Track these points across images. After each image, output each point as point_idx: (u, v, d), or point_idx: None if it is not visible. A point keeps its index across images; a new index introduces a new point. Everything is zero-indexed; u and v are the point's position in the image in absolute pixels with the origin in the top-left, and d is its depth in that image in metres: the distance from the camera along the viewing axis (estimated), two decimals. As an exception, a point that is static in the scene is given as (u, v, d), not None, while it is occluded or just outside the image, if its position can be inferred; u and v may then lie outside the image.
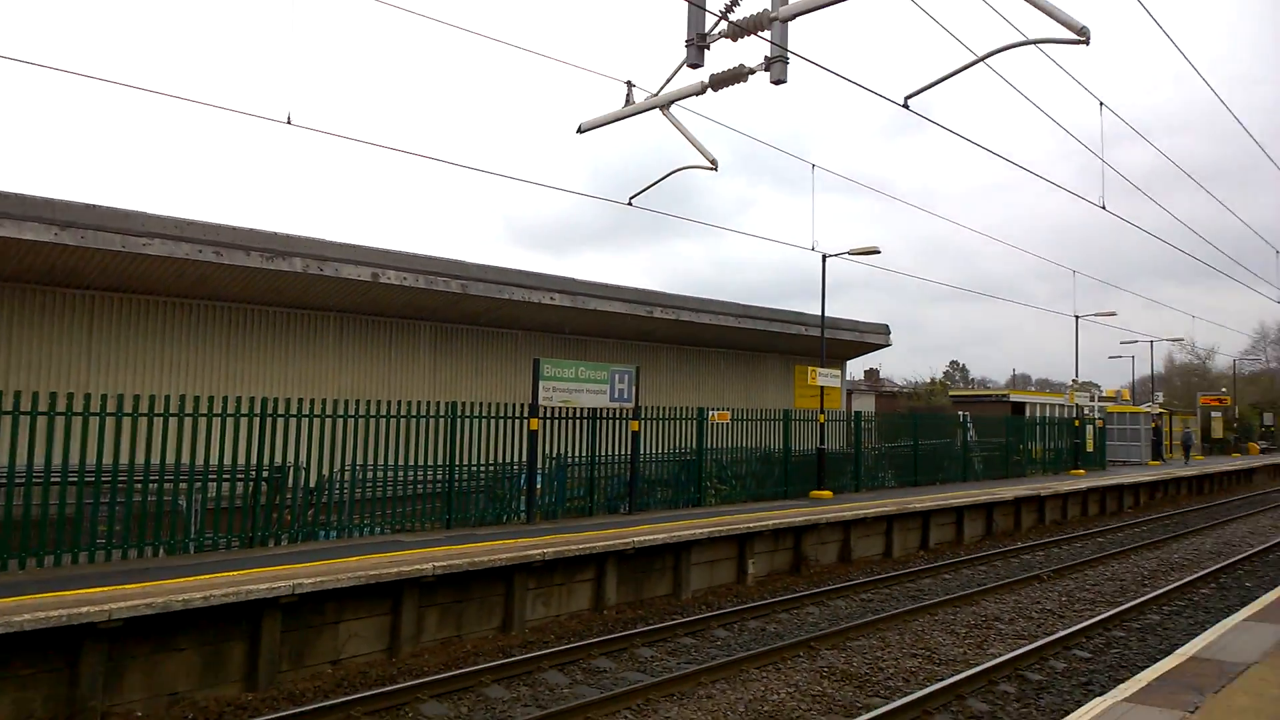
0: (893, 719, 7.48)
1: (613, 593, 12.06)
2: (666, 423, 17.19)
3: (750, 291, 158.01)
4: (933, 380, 59.29)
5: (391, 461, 12.86)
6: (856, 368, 59.04)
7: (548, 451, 15.05)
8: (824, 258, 21.52)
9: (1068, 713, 6.74)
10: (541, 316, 21.42)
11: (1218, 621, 8.67)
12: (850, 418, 22.70)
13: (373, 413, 12.63)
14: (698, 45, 9.93)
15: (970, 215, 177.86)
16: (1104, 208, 14.90)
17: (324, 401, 12.40)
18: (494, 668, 8.87)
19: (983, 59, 8.78)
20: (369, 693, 7.99)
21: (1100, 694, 7.98)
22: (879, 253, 20.97)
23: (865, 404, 43.18)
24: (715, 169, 11.81)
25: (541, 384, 14.63)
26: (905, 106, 9.36)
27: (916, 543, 18.22)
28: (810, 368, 20.48)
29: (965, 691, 8.38)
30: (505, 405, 14.65)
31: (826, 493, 19.68)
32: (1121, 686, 6.21)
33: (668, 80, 10.94)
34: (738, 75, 10.12)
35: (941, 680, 8.53)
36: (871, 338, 30.74)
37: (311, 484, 12.05)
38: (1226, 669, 6.51)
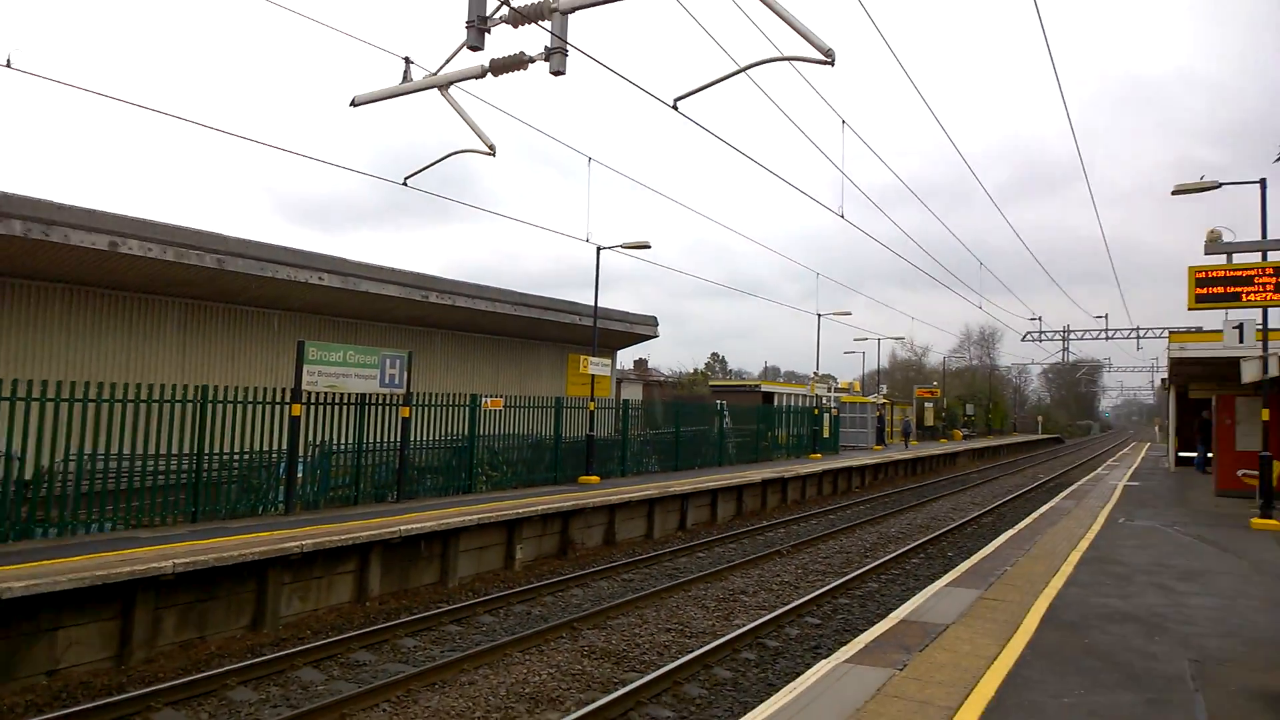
0: (645, 692, 7.72)
1: (376, 583, 11.58)
2: (439, 409, 16.74)
3: (530, 280, 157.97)
4: (695, 371, 61.97)
5: (128, 450, 11.57)
6: (627, 358, 60.57)
7: (311, 439, 14.18)
8: (598, 250, 21.83)
9: (798, 674, 7.25)
10: (309, 297, 20.13)
11: (924, 588, 9.67)
12: (619, 406, 23.22)
13: (104, 396, 11.30)
14: (478, 28, 9.68)
15: (733, 216, 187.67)
16: (843, 216, 16.16)
17: (44, 383, 10.94)
18: (241, 669, 8.23)
19: (744, 69, 9.21)
20: (91, 705, 7.14)
21: (826, 656, 8.69)
22: (649, 247, 21.55)
23: (634, 393, 44.44)
24: (493, 154, 11.59)
25: (306, 368, 13.75)
26: (674, 108, 9.64)
27: (675, 524, 18.96)
28: (582, 357, 20.72)
29: (712, 661, 8.81)
30: (265, 390, 13.63)
31: (595, 478, 20.01)
32: (844, 649, 6.76)
33: (447, 60, 10.61)
34: (518, 62, 9.98)
35: (691, 652, 8.91)
36: (641, 329, 31.59)
37: (27, 476, 10.57)
38: (930, 630, 7.28)
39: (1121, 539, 13.16)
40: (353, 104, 11.34)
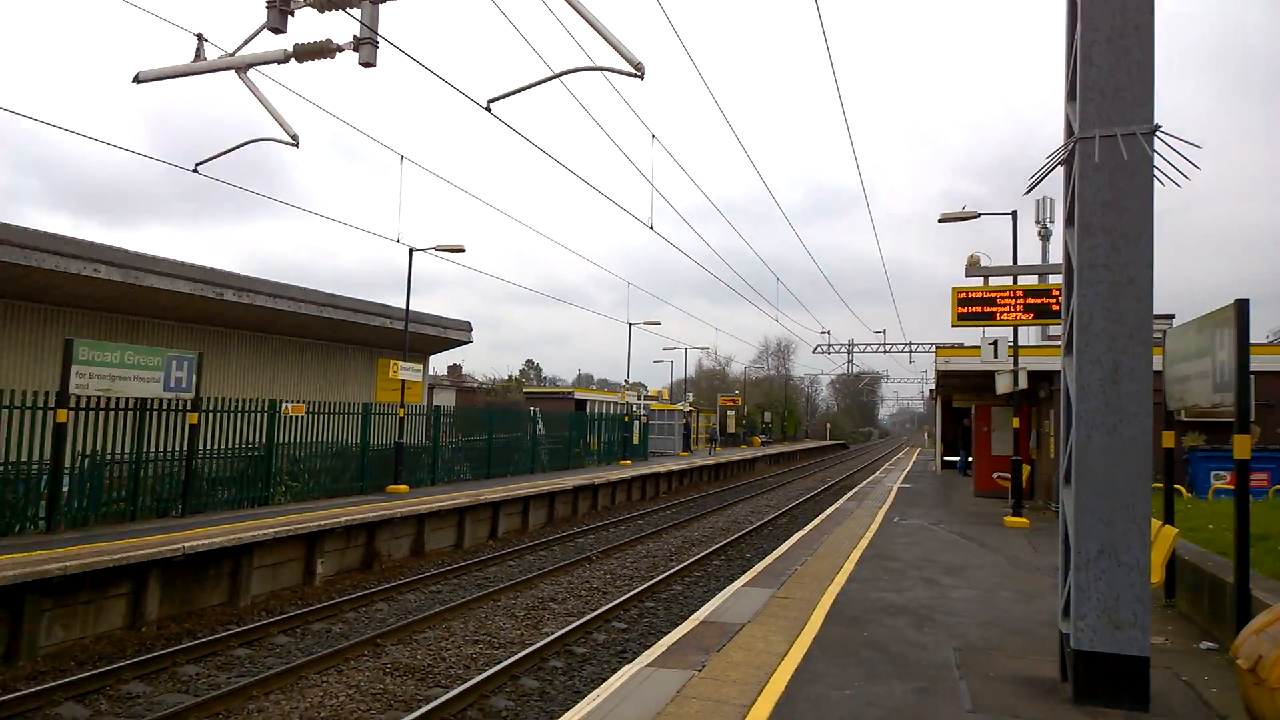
0: (449, 708, 7.46)
1: (155, 606, 10.52)
2: (233, 415, 15.53)
3: (340, 280, 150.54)
4: (510, 377, 61.41)
5: None
6: (440, 363, 59.03)
7: (82, 448, 12.72)
8: (410, 251, 21.10)
9: (604, 680, 7.27)
10: (83, 291, 18.10)
11: (724, 589, 10.00)
12: (430, 412, 22.52)
13: None
14: (280, 9, 9.08)
15: (550, 223, 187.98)
16: (652, 228, 16.51)
17: None
18: (-13, 708, 7.22)
19: (558, 76, 9.19)
20: None
21: (632, 661, 8.77)
22: (464, 251, 21.07)
23: (447, 399, 43.32)
24: (296, 144, 10.88)
25: (76, 369, 12.32)
26: (488, 110, 9.46)
27: (486, 532, 18.60)
28: (393, 361, 19.92)
29: (519, 671, 8.66)
30: (25, 393, 12.09)
31: (403, 487, 19.27)
32: (647, 653, 6.84)
33: (246, 41, 9.86)
34: (324, 50, 9.43)
35: (499, 663, 8.72)
36: (455, 334, 30.84)
37: None
38: (728, 630, 7.51)
39: (896, 537, 14.21)
40: (136, 80, 10.30)
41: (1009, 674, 6.35)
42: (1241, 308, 6.17)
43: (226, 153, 11.57)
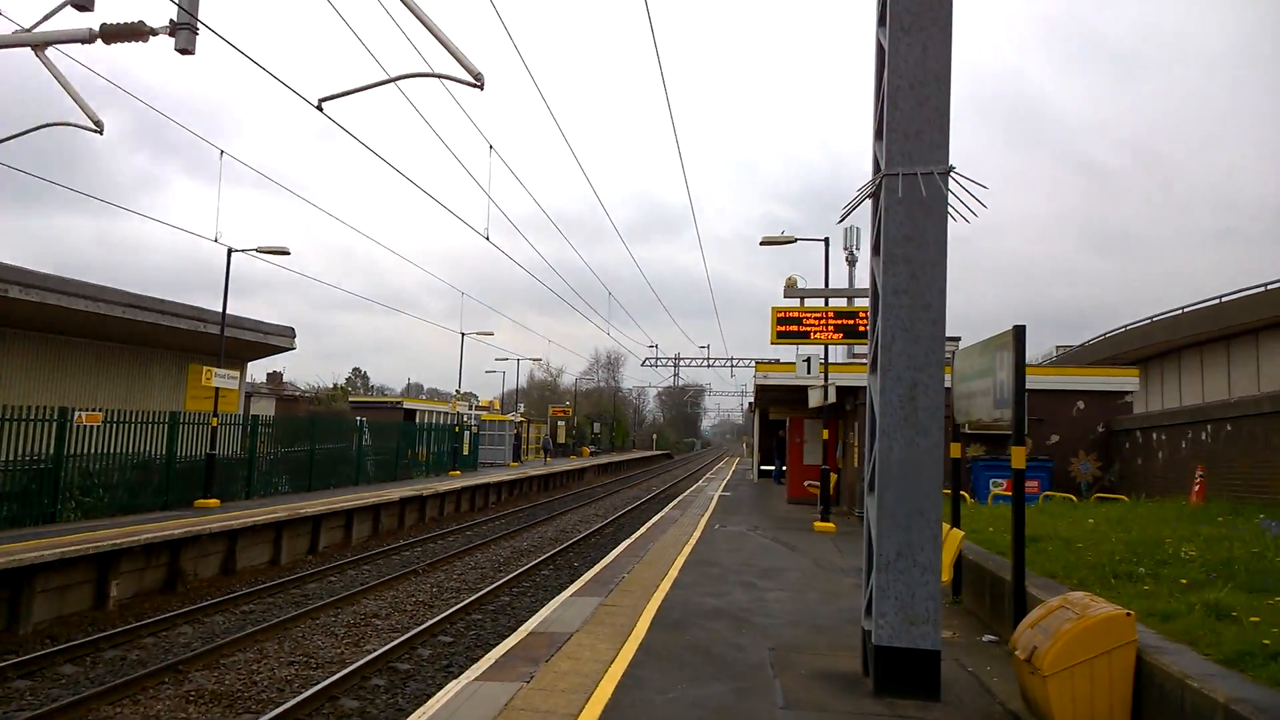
0: (262, 735, 6.94)
1: (-89, 637, 9.17)
2: (13, 424, 13.84)
3: (150, 282, 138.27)
4: (335, 386, 58.44)
5: None
6: (259, 370, 55.40)
7: None
8: (229, 251, 19.68)
9: (430, 697, 7.00)
10: None
11: (552, 598, 9.92)
12: (247, 422, 21.04)
13: None
14: (84, -17, 8.24)
15: (382, 228, 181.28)
16: (488, 239, 16.27)
17: None
18: None
19: (394, 80, 8.88)
20: None
21: (458, 675, 8.51)
22: (289, 253, 19.90)
23: (266, 408, 40.66)
24: (100, 132, 9.89)
25: None
26: (319, 109, 8.99)
27: (306, 547, 17.56)
28: (206, 368, 18.45)
29: (338, 692, 8.19)
30: None
31: (214, 501, 17.86)
32: (474, 666, 6.65)
33: (46, 17, 8.88)
34: (135, 32, 8.64)
35: (316, 684, 8.21)
36: (275, 339, 28.99)
37: None
38: (556, 639, 7.43)
39: (717, 543, 14.64)
40: (-96, 53, 9.05)
41: (818, 671, 6.65)
42: (1019, 333, 6.80)
43: (17, 136, 10.36)
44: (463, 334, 37.62)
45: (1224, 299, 30.20)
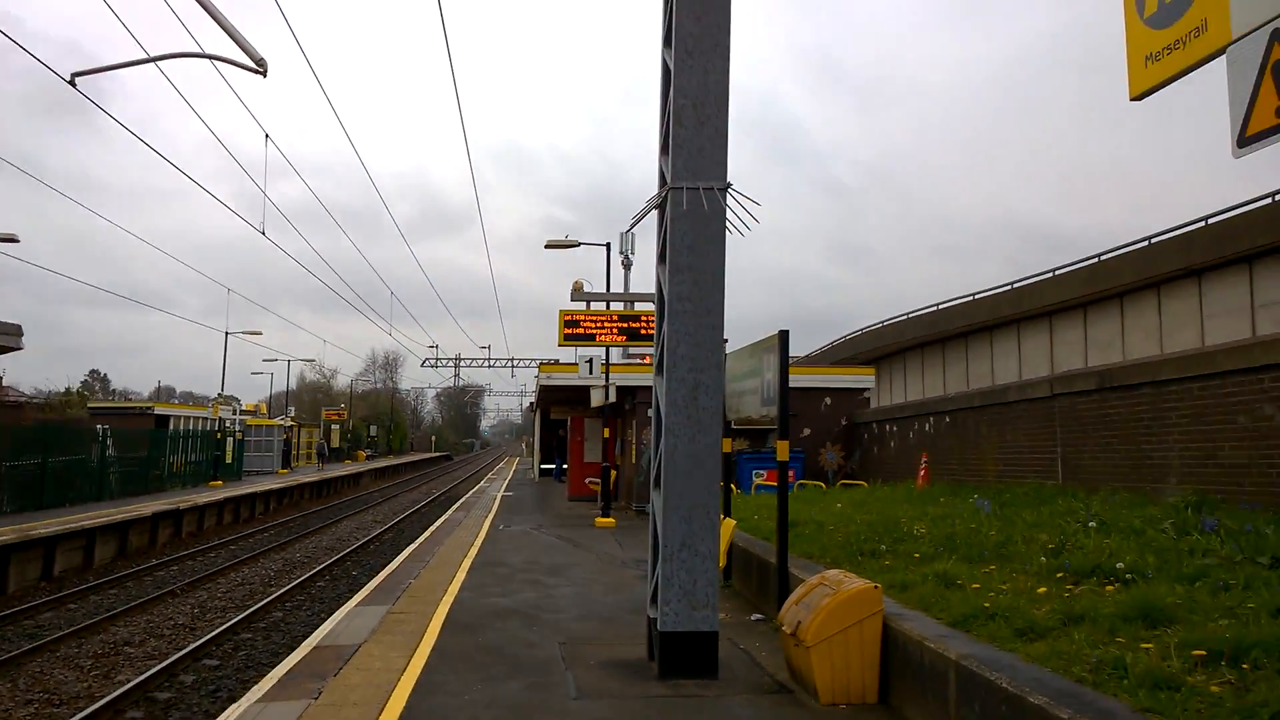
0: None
1: None
2: None
3: None
4: (69, 390, 51.38)
5: None
6: (-32, 374, 47.51)
7: None
8: (-69, 243, 16.78)
9: (200, 726, 6.42)
10: None
11: (333, 611, 9.40)
12: (-45, 434, 18.03)
13: None
14: None
15: (130, 217, 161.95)
16: (264, 234, 15.14)
17: None
18: None
19: (156, 60, 8.04)
20: None
21: (230, 698, 7.85)
22: (17, 240, 17.32)
23: (-23, 416, 35.01)
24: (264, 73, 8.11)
25: None
26: (71, 84, 7.94)
27: (38, 574, 15.35)
28: (-100, 373, 15.60)
29: (88, 731, 7.28)
30: None
31: (-87, 525, 15.14)
32: (255, 688, 6.18)
33: None
34: None
35: (59, 725, 7.25)
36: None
37: None
38: (344, 652, 7.06)
39: (503, 544, 14.56)
40: None
41: (606, 660, 6.84)
42: (783, 337, 7.40)
43: None
44: (227, 333, 34.62)
45: (940, 306, 34.46)
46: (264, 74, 7.41)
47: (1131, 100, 2.56)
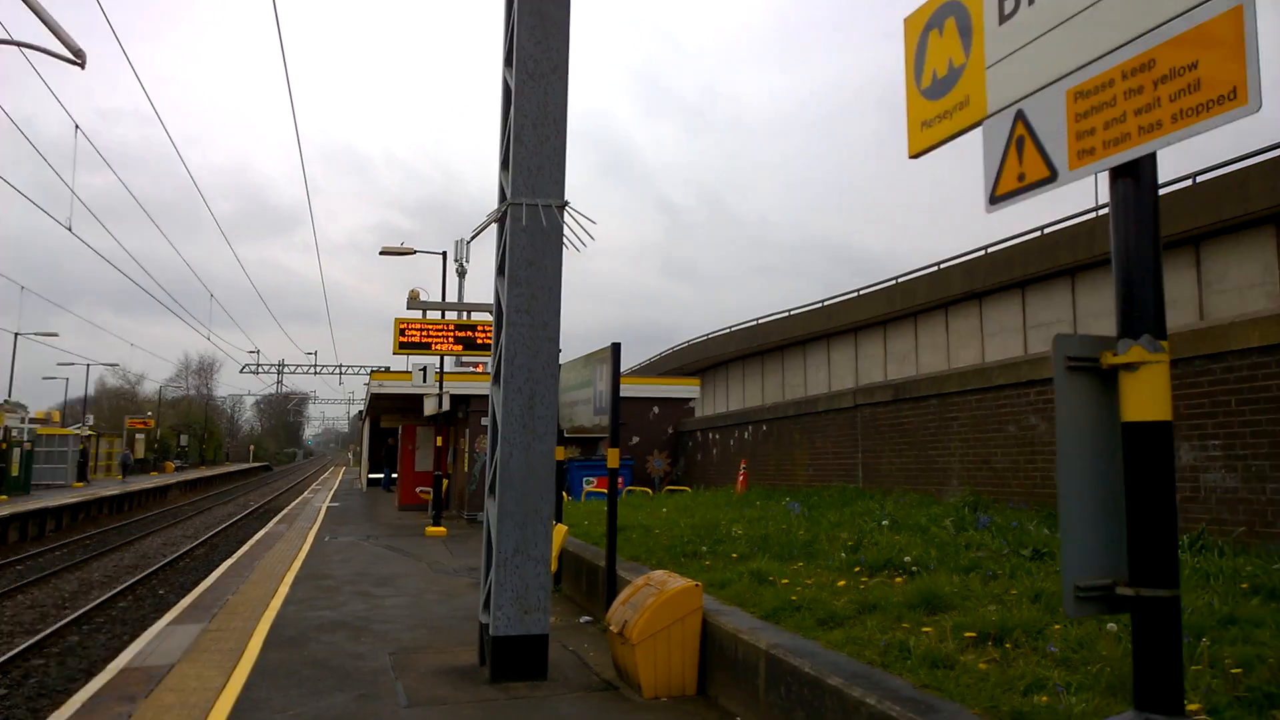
0: None
1: None
2: None
3: None
4: None
5: None
6: None
7: None
8: None
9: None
10: None
11: (141, 632, 8.67)
12: None
13: None
14: None
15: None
16: (70, 230, 13.74)
17: None
18: None
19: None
20: None
21: (17, 733, 7.08)
22: None
23: None
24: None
25: None
26: None
27: None
28: None
29: None
30: None
31: None
32: (56, 713, 5.64)
33: None
34: None
35: None
36: None
37: None
38: (155, 673, 6.55)
39: (329, 555, 13.93)
40: None
41: (438, 668, 6.76)
42: (615, 349, 7.64)
43: None
44: (16, 334, 30.89)
45: (760, 321, 36.33)
46: (82, 65, 6.81)
47: (910, 158, 2.95)
